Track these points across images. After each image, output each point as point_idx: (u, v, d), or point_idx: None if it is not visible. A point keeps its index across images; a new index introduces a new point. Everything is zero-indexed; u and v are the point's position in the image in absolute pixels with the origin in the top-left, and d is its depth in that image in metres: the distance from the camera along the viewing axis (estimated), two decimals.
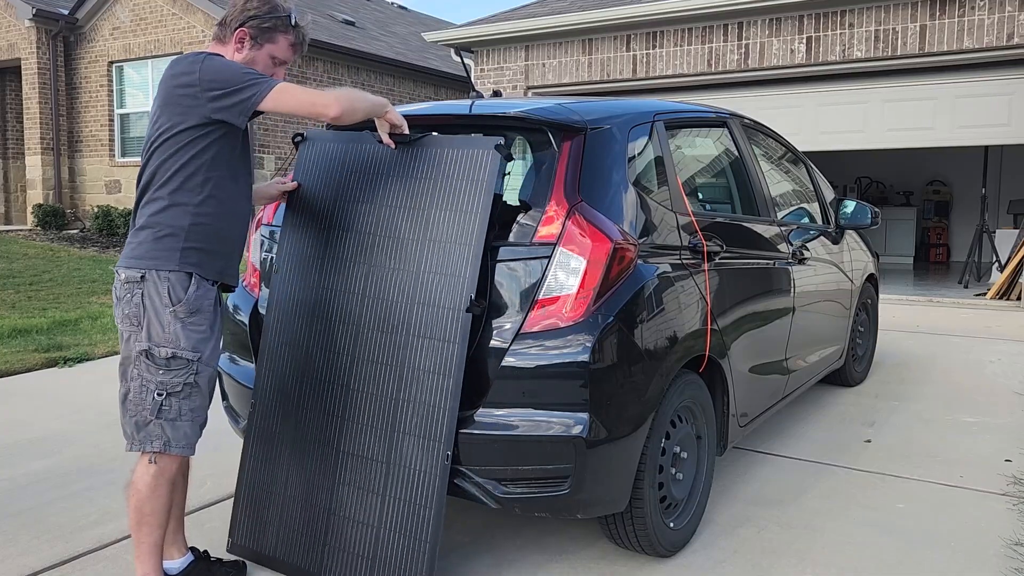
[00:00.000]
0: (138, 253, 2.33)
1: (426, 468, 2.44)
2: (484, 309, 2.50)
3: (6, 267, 10.30)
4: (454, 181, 2.55)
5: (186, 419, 2.36)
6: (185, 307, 2.31)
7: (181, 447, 2.37)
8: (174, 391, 2.32)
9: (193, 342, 2.32)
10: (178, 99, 2.30)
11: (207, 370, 2.39)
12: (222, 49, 2.42)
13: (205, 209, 2.33)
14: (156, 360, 2.30)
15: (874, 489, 3.50)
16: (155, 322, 2.29)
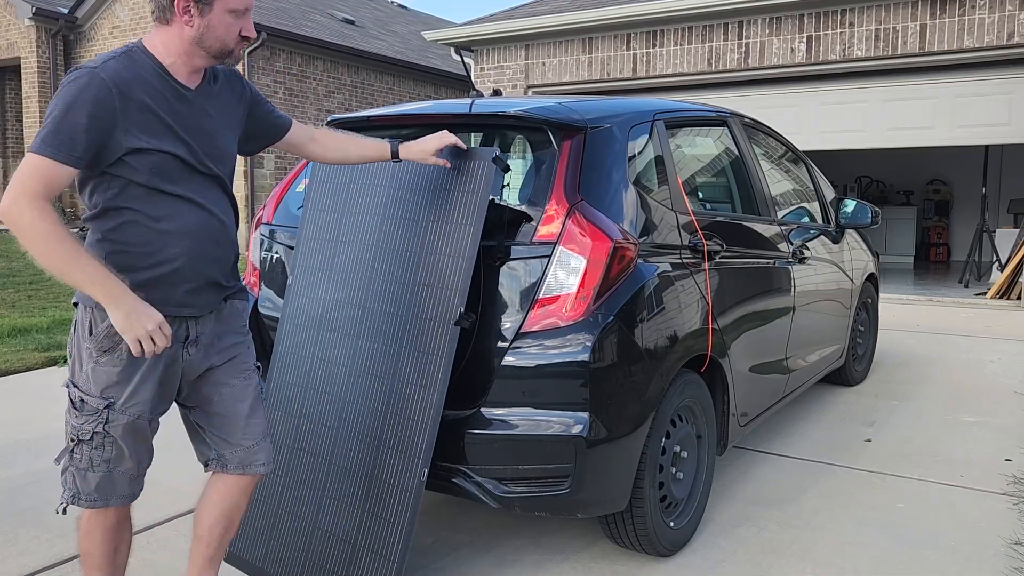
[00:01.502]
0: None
1: (402, 484, 2.40)
2: (474, 322, 2.50)
3: (6, 266, 10.30)
4: (450, 192, 2.54)
5: (98, 471, 2.05)
6: (95, 342, 1.98)
7: (90, 501, 2.09)
8: (84, 438, 2.02)
9: (102, 386, 1.98)
10: None
11: (123, 419, 2.02)
12: (167, 32, 1.95)
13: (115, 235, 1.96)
14: (72, 400, 2.02)
15: (874, 489, 3.50)
16: (76, 357, 2.02)
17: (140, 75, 1.90)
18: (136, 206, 1.92)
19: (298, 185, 3.26)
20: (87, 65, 1.87)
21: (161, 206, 1.94)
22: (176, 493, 3.46)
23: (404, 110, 3.14)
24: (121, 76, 1.86)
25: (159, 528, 3.12)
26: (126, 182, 1.90)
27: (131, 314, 1.87)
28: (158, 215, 1.94)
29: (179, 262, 1.98)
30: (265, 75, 13.10)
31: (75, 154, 1.81)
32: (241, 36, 2.00)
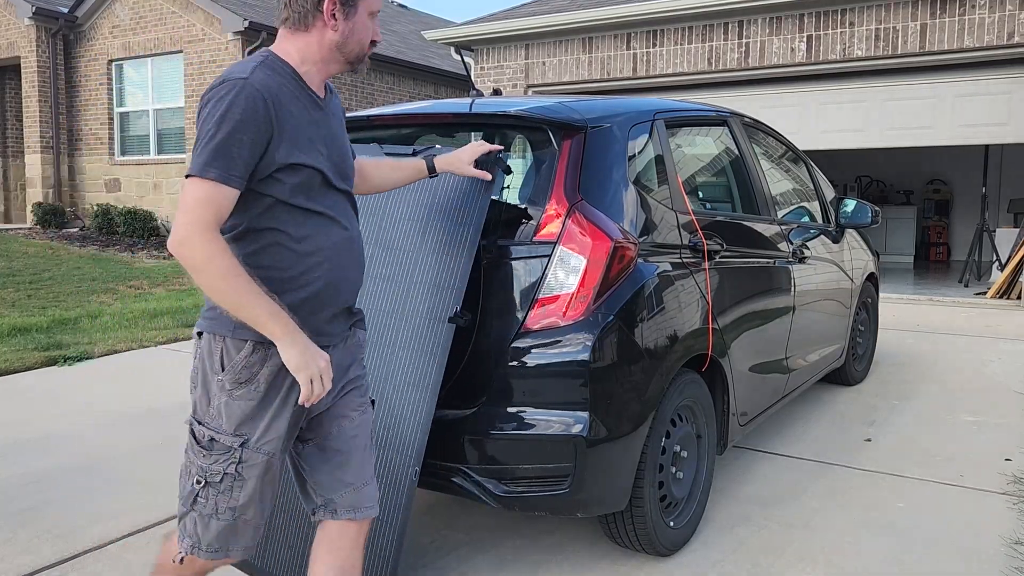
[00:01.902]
0: None
1: (395, 483, 2.40)
2: (471, 321, 2.50)
3: (6, 266, 10.30)
4: (451, 192, 2.54)
5: (222, 518, 1.83)
6: (230, 375, 1.79)
7: (211, 551, 1.86)
8: (213, 480, 1.81)
9: (236, 422, 1.79)
10: None
11: (258, 458, 1.82)
12: (305, 39, 1.83)
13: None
14: (197, 439, 1.83)
15: (874, 488, 3.50)
16: (202, 393, 1.83)
17: (284, 84, 1.78)
18: (280, 226, 1.78)
19: None
20: (233, 75, 1.73)
21: (304, 225, 1.80)
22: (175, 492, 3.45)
23: (404, 110, 3.14)
24: (269, 86, 1.74)
25: (159, 527, 3.12)
26: (272, 201, 1.76)
27: (305, 351, 1.73)
28: (300, 235, 1.80)
29: (320, 285, 1.83)
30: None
31: (239, 174, 1.68)
32: (372, 41, 1.92)
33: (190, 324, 7.21)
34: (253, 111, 1.68)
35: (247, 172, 1.70)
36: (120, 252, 12.12)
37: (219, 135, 1.67)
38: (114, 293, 9.03)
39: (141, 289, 9.36)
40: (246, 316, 1.69)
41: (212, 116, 1.69)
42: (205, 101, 1.73)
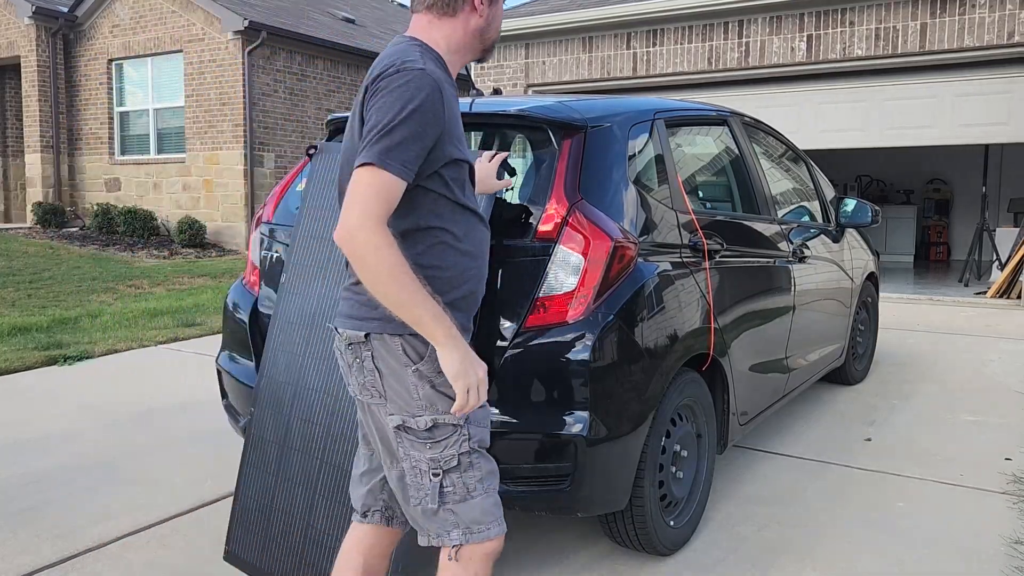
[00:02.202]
0: None
1: None
2: None
3: (6, 265, 10.30)
4: None
5: (479, 493, 1.77)
6: (429, 363, 1.73)
7: (486, 529, 1.77)
8: (449, 466, 1.76)
9: (448, 404, 1.74)
10: None
11: (480, 431, 1.79)
12: (451, 25, 1.78)
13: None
14: (414, 436, 1.75)
15: (874, 488, 3.50)
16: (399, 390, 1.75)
17: (445, 75, 1.71)
18: (446, 225, 1.73)
19: (298, 184, 3.26)
20: (407, 64, 1.64)
21: (462, 223, 1.76)
22: (175, 492, 3.46)
23: None
24: (440, 77, 1.67)
25: (159, 527, 3.12)
26: (437, 197, 1.71)
27: (465, 358, 1.66)
28: (460, 234, 1.75)
29: (473, 285, 1.80)
30: (265, 74, 13.10)
31: (413, 168, 1.61)
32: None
33: (190, 324, 7.21)
34: (431, 103, 1.62)
35: (418, 166, 1.63)
36: (120, 252, 12.12)
37: (398, 126, 1.59)
38: (114, 293, 9.03)
39: (141, 289, 9.36)
40: (408, 316, 1.62)
41: (391, 105, 1.60)
42: (378, 88, 1.64)
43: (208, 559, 2.85)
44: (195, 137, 13.37)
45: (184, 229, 12.67)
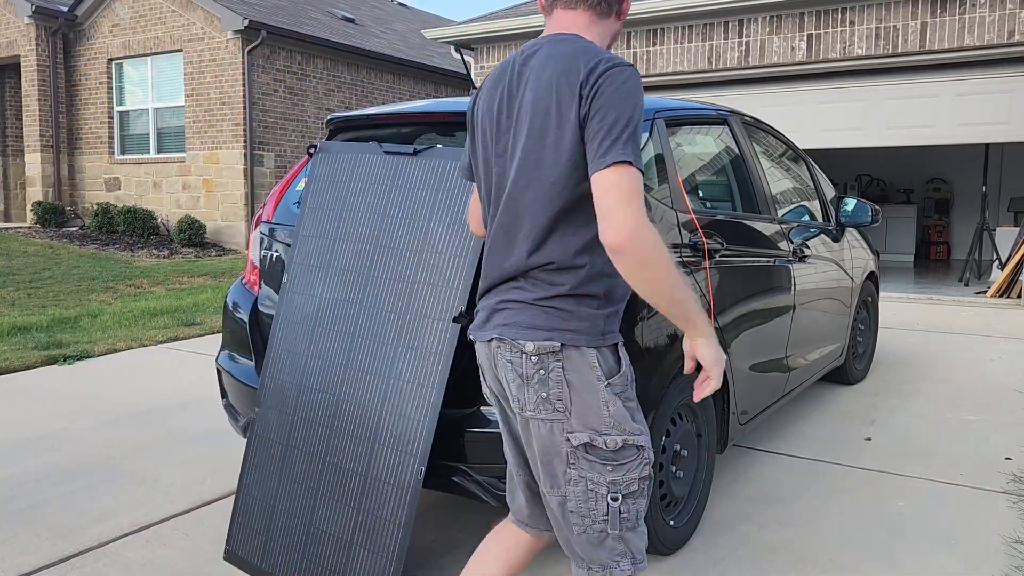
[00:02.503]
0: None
1: (399, 482, 2.40)
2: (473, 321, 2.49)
3: (6, 264, 10.30)
4: (454, 193, 2.54)
5: (640, 523, 1.72)
6: (623, 378, 1.70)
7: (644, 559, 1.73)
8: (629, 491, 1.67)
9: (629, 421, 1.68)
10: None
11: (651, 456, 1.73)
12: (605, 25, 1.76)
13: None
14: (599, 456, 1.66)
15: (874, 487, 3.50)
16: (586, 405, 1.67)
17: None
18: None
19: (298, 183, 3.26)
20: (621, 60, 1.61)
21: None
22: (175, 491, 3.46)
23: (405, 108, 3.14)
24: None
25: (159, 526, 3.12)
26: None
27: (717, 346, 1.66)
28: None
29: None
30: (265, 73, 13.10)
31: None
32: None
33: (190, 323, 7.21)
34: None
35: None
36: (120, 251, 12.12)
37: (635, 121, 1.55)
38: (114, 292, 9.03)
39: (141, 288, 9.36)
40: (679, 311, 1.59)
41: (628, 99, 1.55)
42: (601, 85, 1.56)
43: (208, 559, 2.85)
44: (195, 136, 13.36)
45: (184, 228, 12.67)
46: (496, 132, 1.72)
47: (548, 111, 1.61)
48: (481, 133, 1.77)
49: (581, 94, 1.57)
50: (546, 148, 1.62)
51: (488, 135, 1.75)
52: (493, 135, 1.73)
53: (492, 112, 1.73)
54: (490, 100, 1.74)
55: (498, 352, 1.70)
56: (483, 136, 1.77)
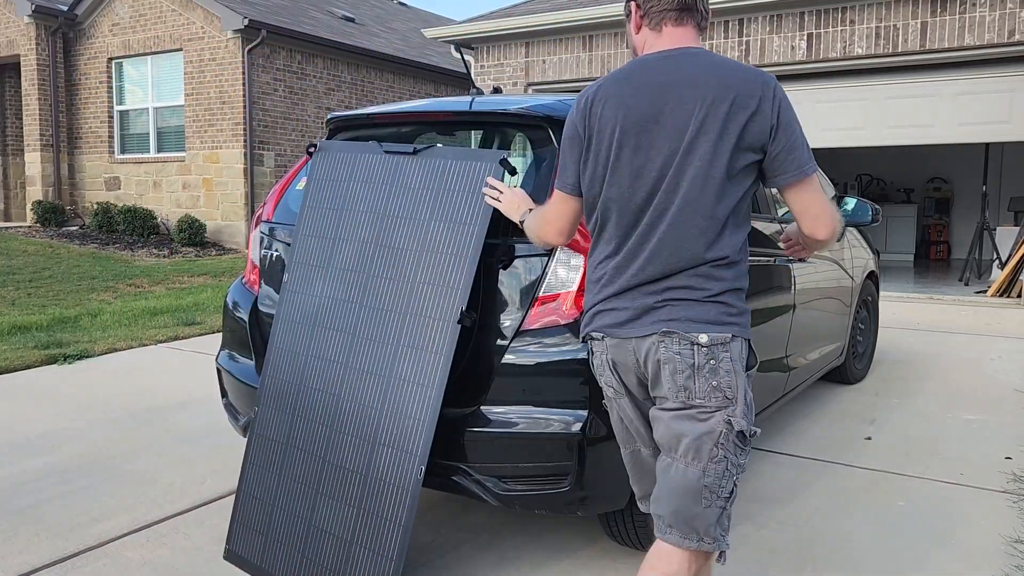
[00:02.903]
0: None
1: (399, 482, 2.40)
2: (475, 321, 2.49)
3: (6, 264, 10.30)
4: (455, 193, 2.54)
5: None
6: (751, 372, 1.93)
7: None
8: (741, 473, 1.87)
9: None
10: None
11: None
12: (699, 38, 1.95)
13: None
14: (742, 440, 1.84)
15: (874, 486, 3.50)
16: (738, 392, 1.86)
17: None
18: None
19: (298, 183, 3.25)
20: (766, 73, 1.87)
21: None
22: (175, 490, 3.46)
23: (405, 108, 3.14)
24: None
25: (159, 525, 3.12)
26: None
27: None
28: None
29: None
30: (265, 73, 13.10)
31: None
32: None
33: (190, 323, 7.21)
34: None
35: None
36: (120, 251, 12.12)
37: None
38: (114, 291, 9.03)
39: (141, 288, 9.36)
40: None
41: (795, 114, 1.83)
42: (781, 99, 1.80)
43: (208, 558, 2.85)
44: (195, 136, 13.36)
45: (184, 228, 12.66)
46: (646, 137, 1.82)
47: (727, 117, 1.76)
48: (616, 141, 1.85)
49: (761, 107, 1.77)
50: (721, 151, 1.77)
51: (628, 141, 1.84)
52: (637, 142, 1.83)
53: (631, 120, 1.83)
54: (627, 109, 1.83)
55: (660, 345, 1.82)
56: (617, 144, 1.85)
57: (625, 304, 1.87)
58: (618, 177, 1.85)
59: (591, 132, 1.90)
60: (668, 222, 1.80)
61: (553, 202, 2.06)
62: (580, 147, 1.93)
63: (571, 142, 1.95)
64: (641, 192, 1.83)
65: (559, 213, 2.05)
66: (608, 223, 1.90)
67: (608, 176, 1.87)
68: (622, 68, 1.93)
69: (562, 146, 2.00)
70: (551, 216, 2.08)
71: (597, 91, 1.91)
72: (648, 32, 1.93)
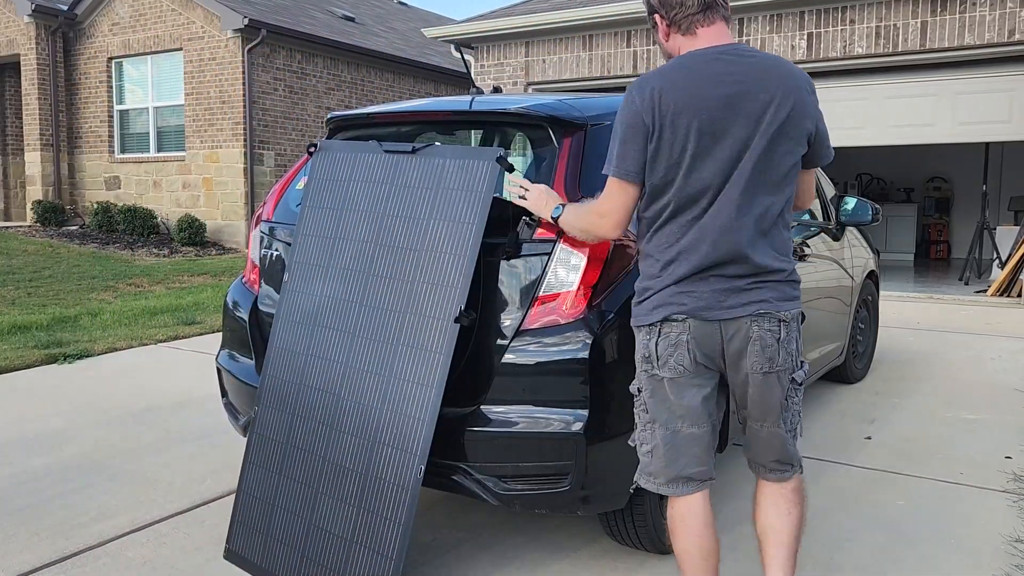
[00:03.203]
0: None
1: (399, 482, 2.40)
2: (474, 320, 2.49)
3: (6, 263, 10.30)
4: (452, 191, 2.54)
5: None
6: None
7: None
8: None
9: None
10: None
11: None
12: (729, 30, 2.09)
13: None
14: (800, 385, 2.33)
15: (874, 486, 3.50)
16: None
17: None
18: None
19: (298, 182, 3.25)
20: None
21: None
22: (175, 490, 3.46)
23: (405, 107, 3.14)
24: None
25: (160, 525, 3.12)
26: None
27: None
28: None
29: None
30: (265, 72, 13.09)
31: None
32: None
33: (190, 322, 7.21)
34: None
35: None
36: (120, 250, 12.12)
37: None
38: (114, 291, 9.03)
39: (141, 287, 9.36)
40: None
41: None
42: (813, 89, 2.06)
43: (208, 557, 2.85)
44: (195, 135, 13.36)
45: (184, 227, 12.66)
46: (719, 126, 1.94)
47: (792, 112, 1.97)
48: (695, 130, 1.95)
49: (805, 99, 2.01)
50: (787, 141, 1.98)
51: (706, 129, 1.95)
52: (712, 129, 1.95)
53: (707, 110, 1.94)
54: (700, 99, 1.94)
55: (753, 325, 2.04)
56: (697, 132, 1.95)
57: (705, 287, 2.01)
58: (697, 163, 1.95)
59: (662, 121, 1.95)
60: (741, 206, 1.95)
61: (612, 193, 2.07)
62: (645, 136, 1.97)
63: (634, 130, 1.98)
64: (719, 178, 1.95)
65: (619, 204, 2.08)
66: (681, 208, 1.99)
67: (689, 162, 1.95)
68: (679, 61, 2.02)
69: (620, 135, 2.02)
70: (608, 208, 2.09)
71: (662, 81, 1.97)
72: (681, 37, 2.05)
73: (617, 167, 2.03)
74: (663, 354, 2.07)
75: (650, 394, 2.12)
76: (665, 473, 2.14)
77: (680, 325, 2.03)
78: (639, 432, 2.18)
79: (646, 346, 2.09)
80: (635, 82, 2.04)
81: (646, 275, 2.09)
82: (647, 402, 2.14)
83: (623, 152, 2.01)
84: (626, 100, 2.02)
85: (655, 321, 2.06)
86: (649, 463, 2.16)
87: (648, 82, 2.00)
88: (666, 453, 2.13)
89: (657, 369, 2.08)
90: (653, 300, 2.06)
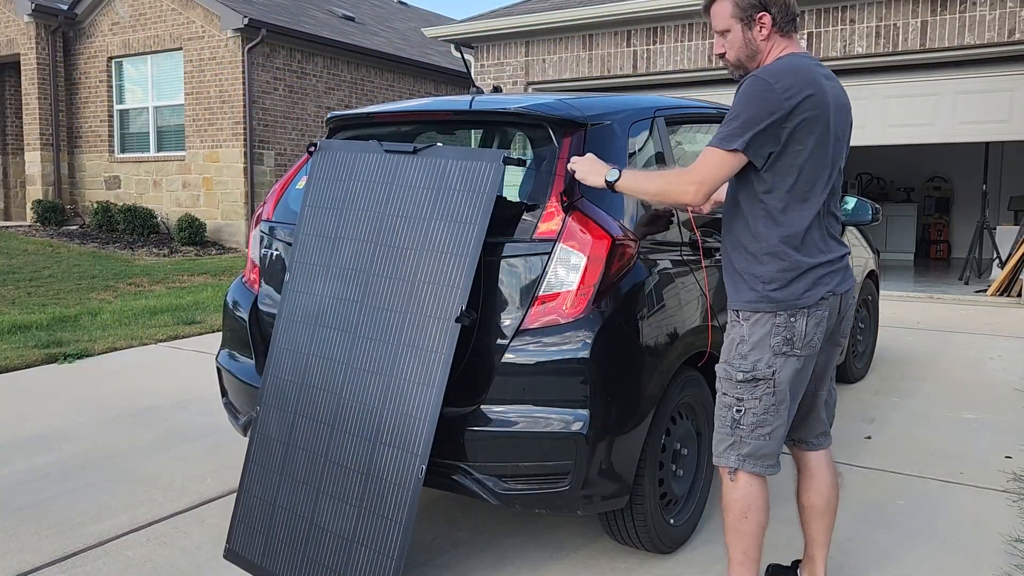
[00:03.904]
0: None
1: (400, 481, 2.40)
2: (474, 320, 2.49)
3: (6, 263, 10.30)
4: (455, 192, 2.54)
5: None
6: None
7: None
8: None
9: None
10: None
11: None
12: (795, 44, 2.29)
13: None
14: None
15: (874, 486, 3.50)
16: None
17: None
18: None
19: (298, 182, 3.26)
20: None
21: None
22: (175, 489, 3.46)
23: (405, 107, 3.14)
24: None
25: (160, 524, 3.12)
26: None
27: None
28: None
29: None
30: (265, 72, 13.09)
31: None
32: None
33: (190, 322, 7.21)
34: None
35: None
36: (120, 250, 12.12)
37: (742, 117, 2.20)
38: (114, 291, 9.03)
39: (141, 287, 9.36)
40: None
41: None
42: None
43: (209, 557, 2.85)
44: (195, 135, 13.36)
45: (184, 227, 12.66)
46: (842, 130, 2.29)
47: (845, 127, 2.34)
48: (832, 120, 2.21)
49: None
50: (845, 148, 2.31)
51: (833, 132, 2.22)
52: (836, 132, 2.23)
53: (837, 116, 2.24)
54: (831, 104, 2.21)
55: (849, 297, 2.38)
56: (830, 132, 2.21)
57: (833, 266, 2.25)
58: (828, 149, 2.18)
59: (803, 110, 2.09)
60: (837, 193, 2.28)
61: (721, 161, 2.11)
62: (779, 117, 2.07)
63: (767, 106, 2.06)
64: (837, 164, 2.24)
65: (722, 173, 2.13)
66: (813, 192, 2.17)
67: (828, 147, 2.18)
68: (798, 61, 2.17)
69: (750, 112, 2.08)
70: (707, 175, 2.13)
71: (798, 72, 2.11)
72: (779, 38, 2.23)
73: (731, 139, 2.09)
74: (810, 332, 2.19)
75: (787, 376, 2.19)
76: (776, 453, 2.24)
77: (827, 303, 2.23)
78: (758, 416, 2.19)
79: (791, 328, 2.17)
80: (771, 74, 2.11)
81: (788, 259, 2.16)
82: (779, 385, 2.18)
83: (744, 123, 2.08)
84: (763, 88, 2.09)
85: (813, 302, 2.18)
86: (764, 445, 2.21)
87: (787, 71, 2.12)
88: (793, 421, 2.31)
89: (799, 349, 2.18)
90: (803, 282, 2.17)
